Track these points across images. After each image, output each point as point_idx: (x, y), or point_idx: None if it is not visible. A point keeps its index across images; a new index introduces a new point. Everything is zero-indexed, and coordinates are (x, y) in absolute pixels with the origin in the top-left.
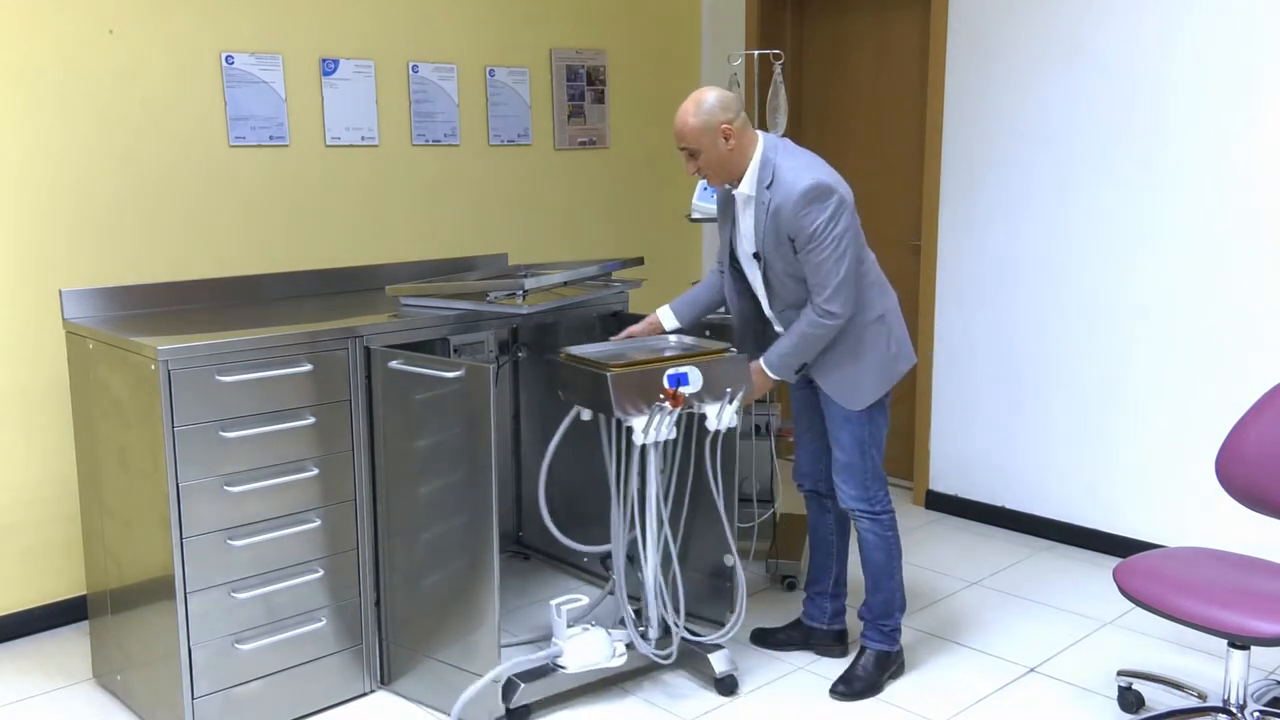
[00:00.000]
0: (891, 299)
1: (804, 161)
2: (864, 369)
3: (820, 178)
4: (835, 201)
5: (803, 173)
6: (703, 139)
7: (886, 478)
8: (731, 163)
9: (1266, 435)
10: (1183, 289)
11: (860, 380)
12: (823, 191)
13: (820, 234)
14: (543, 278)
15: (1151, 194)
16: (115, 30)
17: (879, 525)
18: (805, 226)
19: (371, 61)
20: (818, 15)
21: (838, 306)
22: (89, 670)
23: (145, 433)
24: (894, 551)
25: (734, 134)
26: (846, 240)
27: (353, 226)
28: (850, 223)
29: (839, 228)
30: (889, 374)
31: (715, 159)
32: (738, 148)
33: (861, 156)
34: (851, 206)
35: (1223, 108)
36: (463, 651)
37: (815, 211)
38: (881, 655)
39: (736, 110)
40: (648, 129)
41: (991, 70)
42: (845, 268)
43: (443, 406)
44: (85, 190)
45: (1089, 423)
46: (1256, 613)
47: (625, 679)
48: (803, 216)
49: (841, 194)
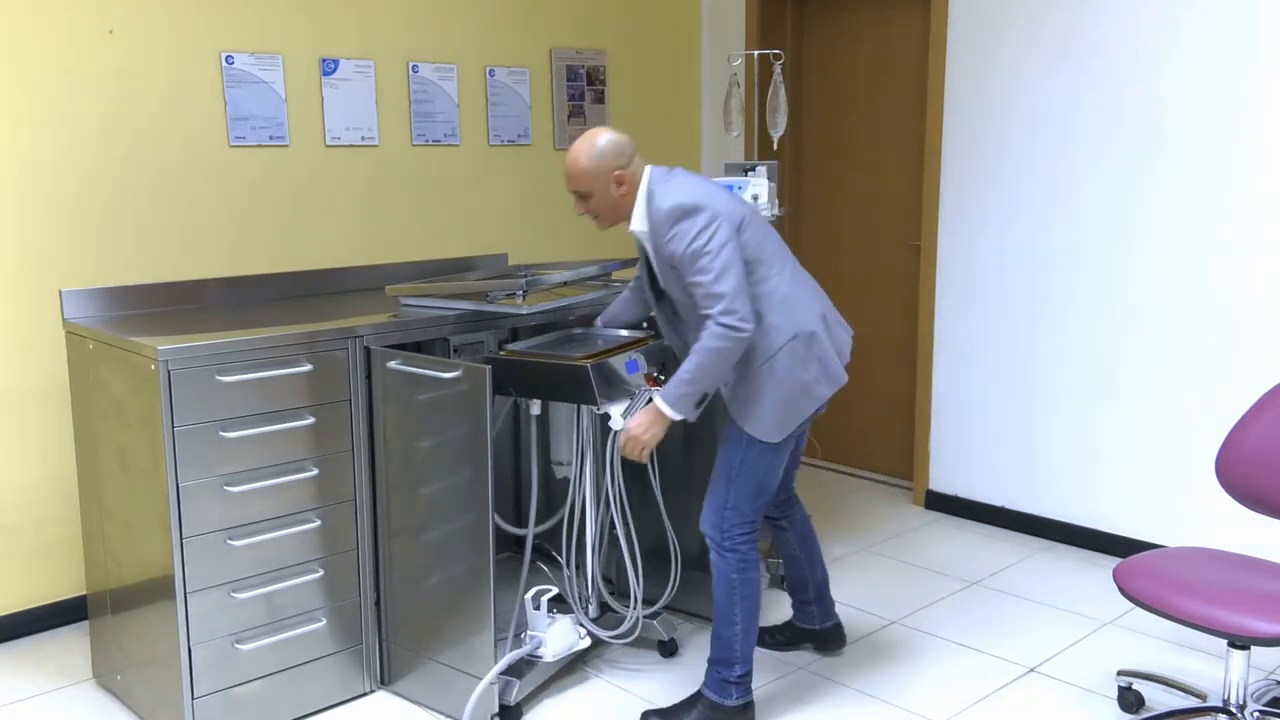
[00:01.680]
0: (809, 318)
1: (674, 187)
2: (775, 395)
3: (681, 199)
4: (705, 217)
5: (666, 197)
6: (594, 182)
7: (753, 522)
8: (621, 205)
9: (1266, 435)
10: (1183, 289)
11: (774, 409)
12: (685, 210)
13: (695, 251)
14: (543, 278)
15: (1152, 194)
16: (115, 30)
17: (724, 562)
18: (676, 249)
19: (371, 61)
20: (818, 15)
21: (736, 318)
22: (89, 670)
23: (145, 433)
24: (737, 597)
25: (626, 179)
26: (728, 253)
27: (353, 227)
28: (729, 236)
29: (714, 242)
30: (801, 403)
31: (606, 202)
32: (630, 190)
33: (861, 156)
34: (734, 221)
35: (1219, 109)
36: (463, 653)
37: (683, 230)
38: (710, 705)
39: (629, 155)
40: (648, 129)
41: (991, 70)
42: (734, 278)
43: (441, 407)
44: (85, 190)
45: (1089, 423)
46: (1256, 613)
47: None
48: (671, 240)
49: (714, 210)
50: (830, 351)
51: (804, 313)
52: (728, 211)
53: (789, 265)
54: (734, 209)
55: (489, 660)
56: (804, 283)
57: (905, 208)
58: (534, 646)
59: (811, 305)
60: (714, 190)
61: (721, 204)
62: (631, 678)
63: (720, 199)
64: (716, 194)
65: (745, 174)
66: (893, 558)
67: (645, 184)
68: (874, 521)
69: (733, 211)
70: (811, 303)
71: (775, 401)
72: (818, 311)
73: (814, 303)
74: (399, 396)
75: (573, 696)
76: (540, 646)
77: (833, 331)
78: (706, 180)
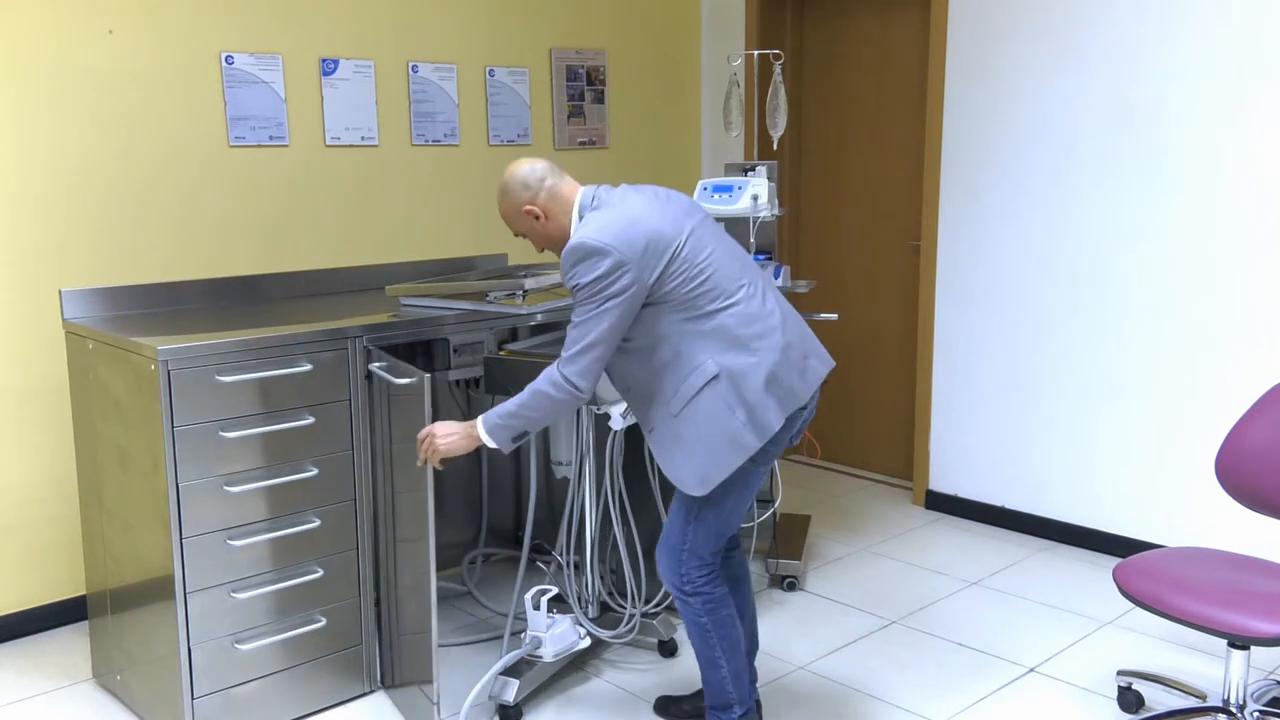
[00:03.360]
0: (742, 356)
1: (593, 221)
2: (697, 443)
3: (588, 238)
4: (607, 264)
5: (580, 231)
6: (516, 221)
7: (711, 563)
8: (552, 235)
9: (1266, 435)
10: (1183, 289)
11: (696, 457)
12: (588, 251)
13: (582, 295)
14: (543, 278)
15: (1152, 194)
16: (115, 30)
17: (690, 608)
18: (570, 286)
19: (371, 61)
20: (818, 15)
21: (573, 375)
22: (89, 670)
23: (145, 433)
24: (714, 639)
25: (540, 210)
26: (612, 312)
27: (353, 226)
28: (625, 288)
29: (603, 292)
30: (727, 455)
31: (536, 235)
32: (550, 220)
33: (861, 156)
34: (633, 271)
35: (1221, 109)
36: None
37: (580, 271)
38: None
39: (536, 186)
40: (648, 129)
41: (991, 70)
42: (601, 338)
43: (405, 412)
44: (85, 190)
45: (1089, 422)
46: (1256, 613)
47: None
48: (569, 278)
49: (621, 256)
50: (765, 397)
51: (743, 352)
52: (629, 256)
53: (746, 294)
54: (657, 247)
55: (428, 667)
56: (763, 314)
57: (905, 208)
58: (533, 646)
59: (766, 341)
60: (642, 218)
61: (638, 247)
62: (631, 678)
63: (640, 237)
64: (642, 225)
65: (745, 174)
66: (893, 558)
67: (576, 209)
68: (874, 521)
69: (634, 255)
70: (766, 337)
71: (697, 449)
72: (774, 346)
73: (770, 338)
74: (386, 398)
75: (573, 696)
76: (540, 646)
77: (789, 369)
78: (645, 200)
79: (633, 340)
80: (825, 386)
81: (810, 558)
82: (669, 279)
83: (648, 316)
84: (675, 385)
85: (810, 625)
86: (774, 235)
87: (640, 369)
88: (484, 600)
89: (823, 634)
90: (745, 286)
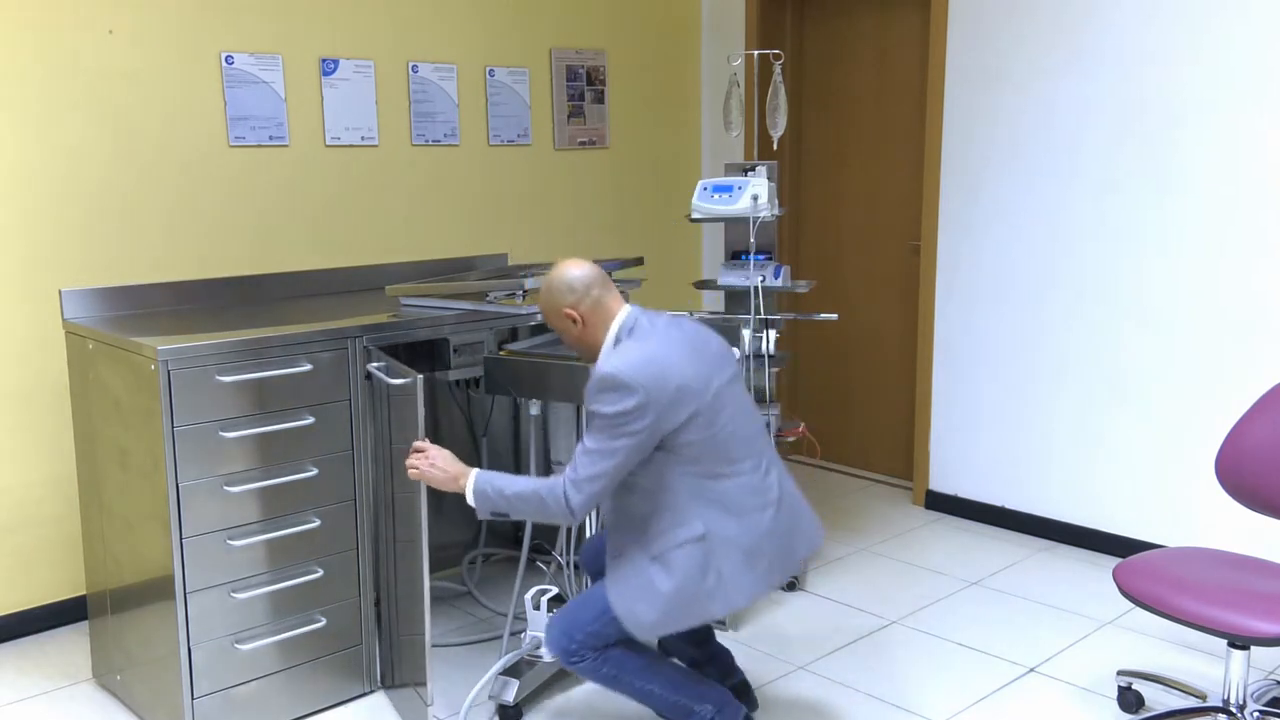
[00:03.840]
0: (731, 526)
1: (630, 350)
2: (660, 594)
3: (621, 370)
4: (633, 401)
5: (614, 359)
6: (553, 320)
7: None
8: (585, 343)
9: (1266, 435)
10: (1182, 289)
11: (655, 606)
12: (616, 384)
13: (600, 423)
14: (543, 278)
15: (1150, 195)
16: (115, 30)
17: (586, 667)
18: (590, 410)
19: (371, 61)
20: (818, 15)
21: (575, 500)
22: (89, 670)
23: (145, 433)
24: (634, 681)
25: (579, 317)
26: (624, 445)
27: (352, 226)
28: (641, 430)
29: (621, 429)
30: (690, 611)
31: (571, 339)
32: (588, 329)
33: (861, 157)
34: (653, 416)
35: (1227, 113)
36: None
37: (605, 400)
38: None
39: (583, 292)
40: (648, 129)
41: (992, 70)
42: (604, 467)
43: (403, 413)
44: (85, 190)
45: (1089, 423)
46: (1256, 613)
47: None
48: (592, 403)
49: (648, 398)
50: (741, 571)
51: (733, 522)
52: (670, 402)
53: (752, 465)
54: (683, 398)
55: (423, 668)
56: (763, 488)
57: (905, 208)
58: (533, 646)
59: (759, 516)
60: (677, 365)
61: (667, 394)
62: None
63: (670, 384)
64: (675, 373)
65: (745, 174)
66: (893, 558)
67: (615, 331)
68: (874, 521)
69: (661, 398)
70: (760, 512)
71: (658, 600)
72: (764, 524)
73: (764, 513)
74: (385, 399)
75: (573, 697)
76: (540, 646)
77: (772, 549)
78: (683, 344)
79: (635, 477)
80: (826, 386)
81: (810, 558)
82: (685, 432)
83: (655, 460)
84: (661, 531)
85: (810, 625)
86: (774, 235)
87: (632, 504)
88: (484, 600)
89: (823, 634)
90: (753, 458)
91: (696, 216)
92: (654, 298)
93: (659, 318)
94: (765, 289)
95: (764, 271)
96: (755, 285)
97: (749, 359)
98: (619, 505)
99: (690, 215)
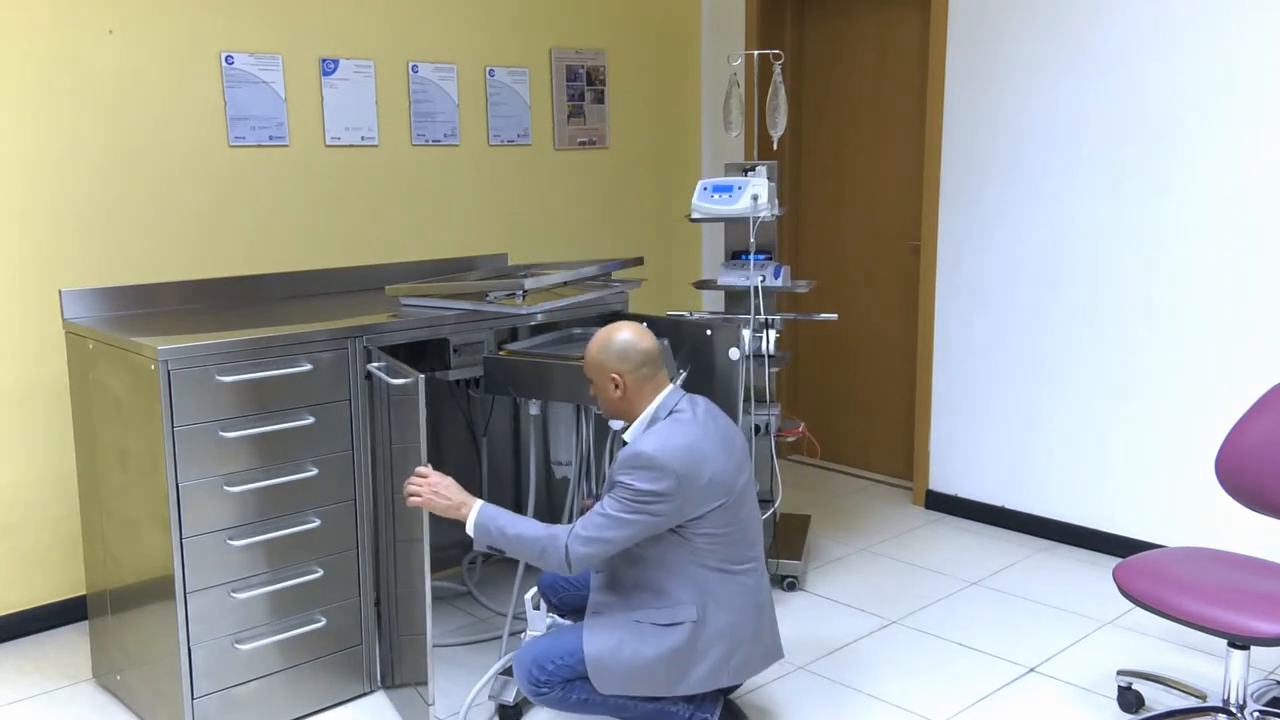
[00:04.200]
0: (724, 619)
1: (669, 433)
2: (639, 660)
3: (660, 454)
4: (662, 487)
5: (653, 440)
6: (595, 374)
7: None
8: (617, 407)
9: (1266, 435)
10: (1182, 290)
11: (620, 657)
12: (653, 465)
13: (624, 494)
14: (543, 278)
15: (1150, 195)
16: (115, 30)
17: (553, 699)
18: (618, 479)
19: (371, 61)
20: (818, 15)
21: (575, 555)
22: (89, 670)
23: (145, 433)
24: (600, 696)
25: (624, 386)
26: (640, 521)
27: (352, 226)
28: (662, 513)
29: (644, 505)
30: (656, 682)
31: (604, 398)
32: (627, 398)
33: (861, 156)
34: (677, 503)
35: (1224, 111)
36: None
37: (635, 477)
38: None
39: (638, 364)
40: (648, 129)
41: (991, 70)
42: (613, 535)
43: (403, 413)
44: (85, 190)
45: (1089, 423)
46: (1256, 613)
47: None
48: (622, 474)
49: (676, 486)
50: (719, 663)
51: (725, 616)
52: (698, 493)
53: (753, 568)
54: (709, 492)
55: (424, 668)
56: (756, 590)
57: (905, 208)
58: None
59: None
60: (712, 458)
61: (698, 484)
62: None
63: (703, 476)
64: (710, 465)
65: (745, 174)
66: (893, 558)
67: (654, 408)
68: (874, 521)
69: (707, 493)
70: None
71: (630, 665)
72: (749, 626)
73: (750, 616)
74: (384, 398)
75: None
76: None
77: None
78: (718, 437)
79: (642, 550)
80: (826, 386)
81: (810, 558)
82: (705, 523)
83: (667, 540)
84: (654, 604)
85: (810, 625)
86: (774, 235)
87: (633, 574)
88: (484, 600)
89: (823, 634)
90: (756, 560)
91: (696, 216)
92: (654, 298)
93: (698, 405)
94: (765, 289)
95: (764, 271)
96: (755, 285)
97: (749, 359)
98: (617, 569)
99: (690, 215)
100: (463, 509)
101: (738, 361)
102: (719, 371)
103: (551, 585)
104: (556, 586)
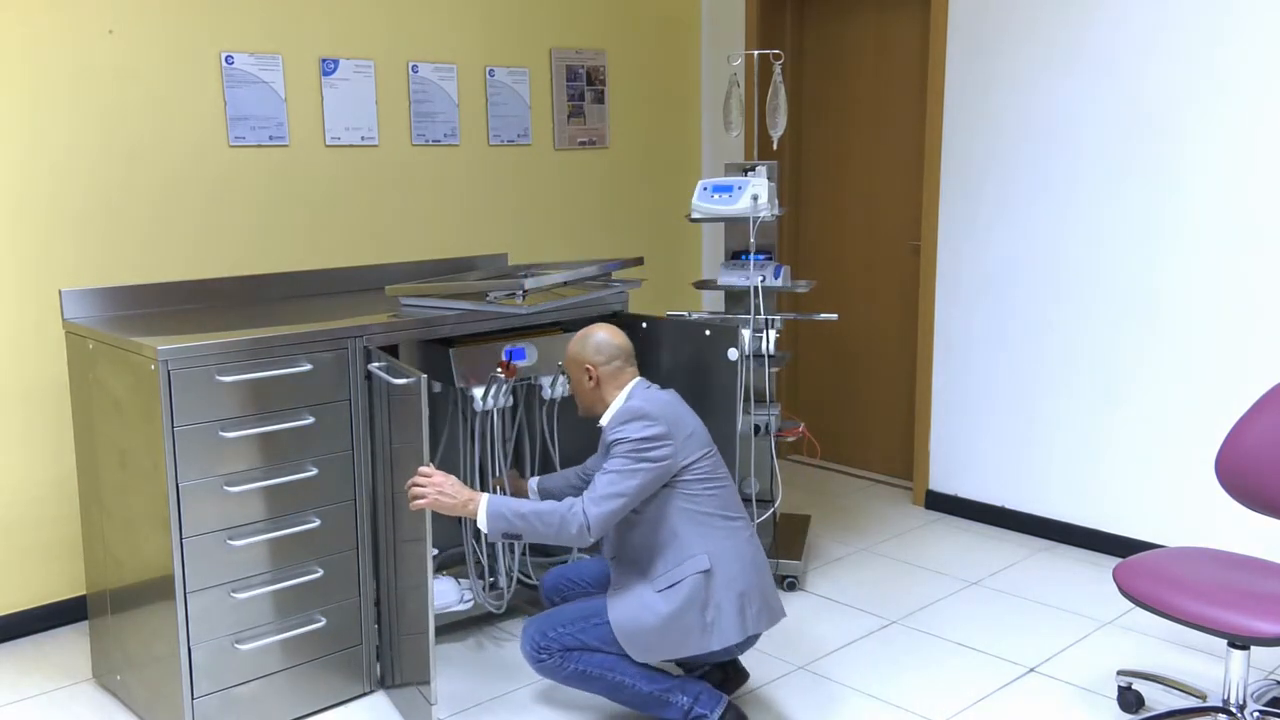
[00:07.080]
0: (734, 565)
1: (648, 399)
2: (653, 615)
3: (648, 409)
4: (656, 430)
5: (637, 400)
6: (570, 367)
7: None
8: (590, 397)
9: (1266, 435)
10: (1182, 290)
11: (643, 620)
12: (641, 415)
13: (624, 448)
14: (543, 278)
15: (1150, 195)
16: (115, 30)
17: (553, 663)
18: (612, 437)
19: (371, 61)
20: (818, 15)
21: (593, 517)
22: (89, 670)
23: (145, 433)
24: (594, 670)
25: (596, 377)
26: (645, 473)
27: (352, 226)
28: (663, 459)
29: (645, 454)
30: (682, 643)
31: (578, 388)
32: (599, 388)
33: (861, 156)
34: (685, 451)
35: (1225, 111)
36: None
37: (630, 429)
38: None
39: (610, 357)
40: (648, 129)
41: (991, 71)
42: (624, 488)
43: (404, 412)
44: (85, 190)
45: (1089, 423)
46: (1256, 613)
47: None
48: (616, 433)
49: (668, 430)
50: (736, 611)
51: (736, 562)
52: (676, 434)
53: (744, 525)
54: (684, 435)
55: (426, 667)
56: (749, 547)
57: (905, 208)
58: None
59: (745, 563)
60: (686, 417)
61: (683, 433)
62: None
63: (685, 429)
64: (687, 420)
65: (745, 174)
66: (893, 558)
67: (624, 394)
68: (874, 521)
69: (680, 435)
70: (753, 561)
71: (655, 624)
72: (750, 574)
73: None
74: (385, 398)
75: (573, 691)
76: None
77: (756, 598)
78: (687, 411)
79: (641, 514)
80: (826, 386)
81: (810, 558)
82: (700, 468)
83: (662, 497)
84: (666, 564)
85: (810, 625)
86: (774, 235)
87: (642, 541)
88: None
89: (823, 634)
90: (745, 519)
91: (696, 216)
92: (654, 298)
93: (665, 390)
94: (765, 289)
95: (764, 271)
96: (755, 285)
97: (749, 359)
98: (626, 541)
99: (690, 215)
100: (471, 504)
101: (736, 362)
102: (718, 372)
103: (556, 587)
104: (561, 587)
